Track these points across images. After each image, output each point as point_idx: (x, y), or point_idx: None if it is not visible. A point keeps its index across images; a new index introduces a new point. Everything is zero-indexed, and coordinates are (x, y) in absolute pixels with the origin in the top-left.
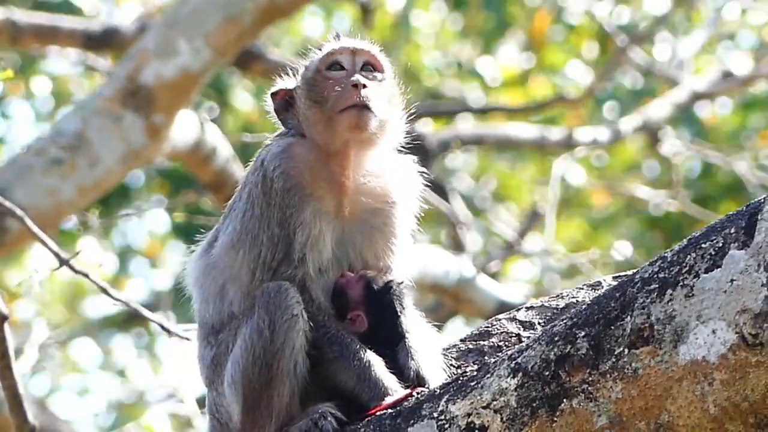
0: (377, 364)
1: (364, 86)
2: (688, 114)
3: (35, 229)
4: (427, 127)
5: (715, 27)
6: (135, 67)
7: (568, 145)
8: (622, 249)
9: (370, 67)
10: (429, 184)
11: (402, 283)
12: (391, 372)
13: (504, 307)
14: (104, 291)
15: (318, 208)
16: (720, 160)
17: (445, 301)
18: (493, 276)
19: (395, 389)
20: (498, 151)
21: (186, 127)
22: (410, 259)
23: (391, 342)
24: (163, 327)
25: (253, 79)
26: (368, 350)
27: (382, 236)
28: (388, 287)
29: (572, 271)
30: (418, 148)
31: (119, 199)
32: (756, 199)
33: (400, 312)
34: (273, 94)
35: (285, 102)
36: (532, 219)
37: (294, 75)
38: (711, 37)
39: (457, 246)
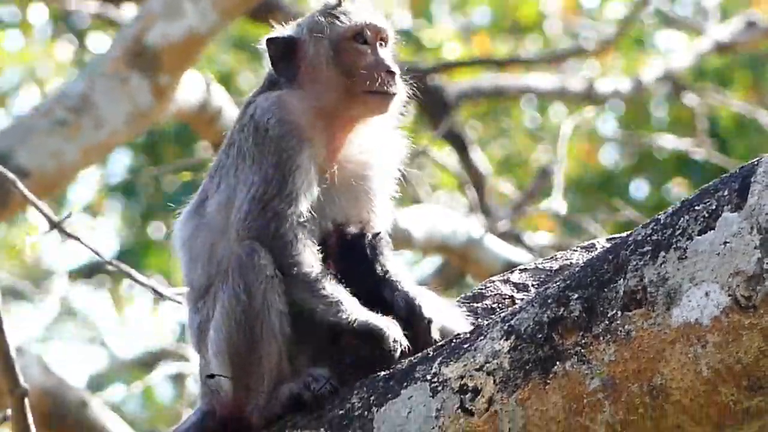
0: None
1: (394, 73)
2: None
3: (27, 192)
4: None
5: None
6: (141, 28)
7: (588, 95)
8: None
9: (384, 42)
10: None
11: (378, 234)
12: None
13: (512, 267)
14: (96, 253)
15: (313, 153)
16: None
17: (452, 261)
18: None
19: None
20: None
21: (192, 88)
22: (388, 221)
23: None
24: (155, 290)
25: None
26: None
27: (365, 197)
28: (361, 235)
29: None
30: (436, 100)
31: None
32: (749, 162)
33: (373, 258)
34: (271, 40)
35: (284, 51)
36: (541, 178)
37: (296, 23)
38: None
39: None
